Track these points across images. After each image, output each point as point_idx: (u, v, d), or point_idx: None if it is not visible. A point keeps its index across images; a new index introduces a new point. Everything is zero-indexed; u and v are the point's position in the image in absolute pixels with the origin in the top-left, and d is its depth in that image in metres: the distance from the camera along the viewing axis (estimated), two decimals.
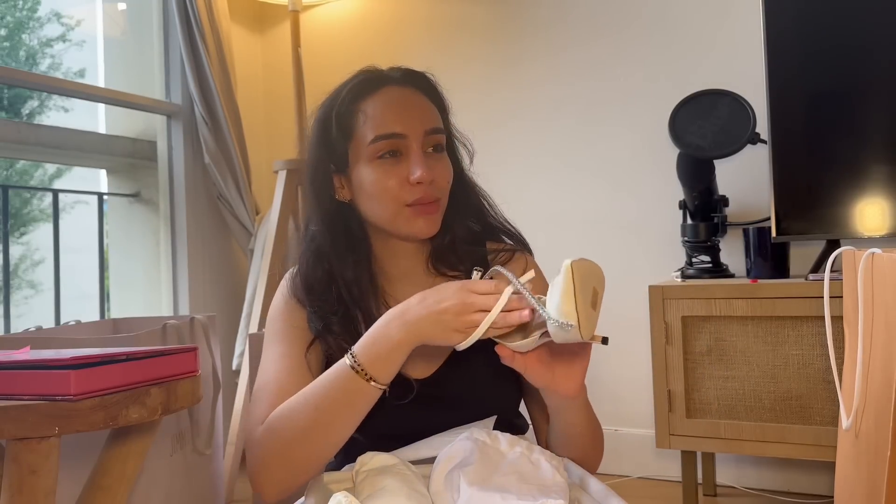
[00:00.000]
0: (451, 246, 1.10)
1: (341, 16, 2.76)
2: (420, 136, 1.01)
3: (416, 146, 1.01)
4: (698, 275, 1.95)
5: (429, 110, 1.05)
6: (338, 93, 1.06)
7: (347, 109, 1.03)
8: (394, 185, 1.00)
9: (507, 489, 0.82)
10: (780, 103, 1.82)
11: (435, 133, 1.03)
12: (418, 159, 1.00)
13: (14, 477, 0.77)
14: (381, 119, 1.01)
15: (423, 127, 1.02)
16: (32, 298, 2.35)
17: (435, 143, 1.03)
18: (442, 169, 1.04)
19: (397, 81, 1.05)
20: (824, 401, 1.66)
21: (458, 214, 1.10)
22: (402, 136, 1.00)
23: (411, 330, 0.88)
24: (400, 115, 1.01)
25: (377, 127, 1.01)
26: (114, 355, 0.82)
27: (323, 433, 0.92)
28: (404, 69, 1.09)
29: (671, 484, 2.16)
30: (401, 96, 1.04)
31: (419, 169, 0.99)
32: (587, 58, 2.37)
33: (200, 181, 2.54)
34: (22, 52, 2.40)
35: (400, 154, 1.01)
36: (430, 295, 0.88)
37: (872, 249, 1.15)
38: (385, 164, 1.01)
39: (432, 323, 0.87)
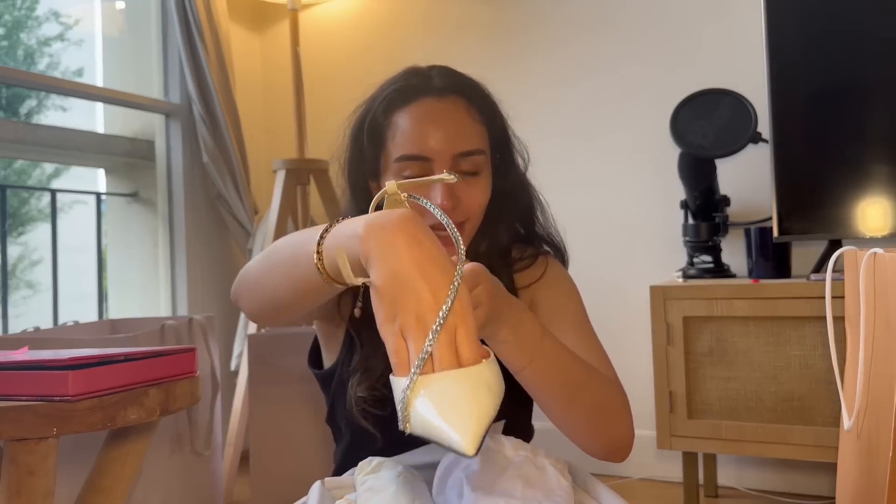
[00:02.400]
0: (484, 254, 1.05)
1: (340, 14, 2.76)
2: (447, 160, 0.95)
3: (441, 170, 0.93)
4: (700, 275, 1.95)
5: (464, 128, 0.97)
6: (376, 96, 1.01)
7: (380, 119, 0.99)
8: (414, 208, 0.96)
9: (512, 494, 0.81)
10: (782, 102, 1.82)
11: (468, 155, 0.96)
12: (442, 185, 0.93)
13: (12, 478, 0.77)
14: (409, 138, 0.95)
15: (454, 150, 0.95)
16: (30, 299, 2.35)
17: (468, 165, 0.97)
18: (472, 194, 0.97)
19: (437, 92, 0.98)
20: (826, 401, 1.65)
21: (501, 222, 1.05)
22: (427, 159, 0.95)
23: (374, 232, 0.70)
24: (429, 136, 0.95)
25: (403, 146, 0.96)
26: (112, 356, 0.81)
27: (270, 278, 0.83)
28: (448, 75, 1.01)
29: (672, 485, 2.16)
30: (434, 113, 0.97)
31: (441, 194, 0.93)
32: (587, 57, 2.36)
33: (199, 181, 2.53)
34: (20, 52, 2.40)
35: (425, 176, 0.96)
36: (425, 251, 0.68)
37: (875, 249, 1.15)
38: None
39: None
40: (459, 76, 1.02)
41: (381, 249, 0.65)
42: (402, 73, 1.02)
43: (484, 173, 1.00)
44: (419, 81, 0.99)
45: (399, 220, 0.67)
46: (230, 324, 2.55)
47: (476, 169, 0.98)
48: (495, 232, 1.06)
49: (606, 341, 1.06)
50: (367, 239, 0.66)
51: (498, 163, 1.05)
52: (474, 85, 1.03)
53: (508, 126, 1.08)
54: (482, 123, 1.00)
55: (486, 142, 1.01)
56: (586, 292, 1.07)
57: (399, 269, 0.63)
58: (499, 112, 1.05)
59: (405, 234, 0.65)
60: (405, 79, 1.00)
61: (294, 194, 2.46)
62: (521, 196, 1.09)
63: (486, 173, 1.00)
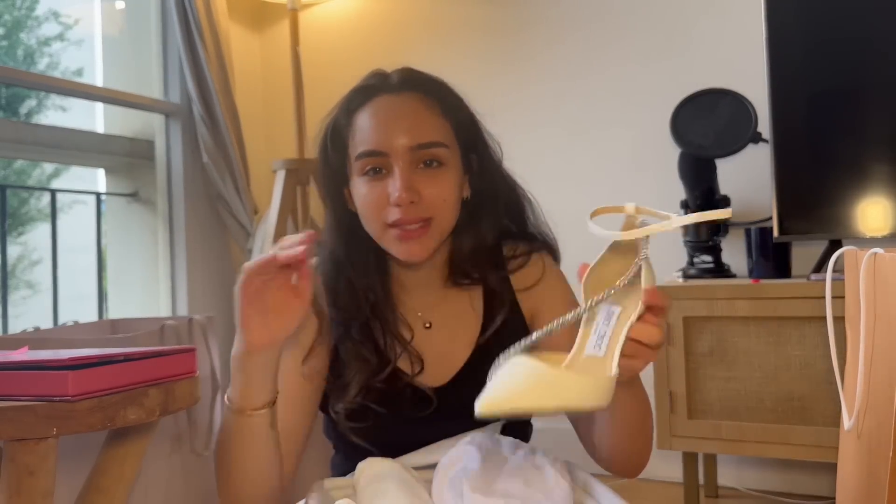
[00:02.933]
0: (470, 254, 1.04)
1: (340, 14, 2.76)
2: (404, 153, 0.94)
3: (400, 163, 0.94)
4: (700, 275, 1.95)
5: (421, 121, 0.96)
6: (338, 105, 1.03)
7: (341, 123, 1.00)
8: (375, 202, 0.95)
9: (511, 494, 0.81)
10: (782, 102, 1.82)
11: (428, 147, 0.95)
12: (399, 178, 0.93)
13: (12, 478, 0.77)
14: (366, 135, 0.96)
15: (409, 142, 0.94)
16: (30, 299, 2.35)
17: (428, 157, 0.96)
18: (434, 186, 0.95)
19: (392, 89, 0.98)
20: (826, 401, 1.65)
21: (484, 221, 1.04)
22: (383, 154, 0.95)
23: (239, 341, 0.86)
24: (383, 130, 0.95)
25: (361, 143, 0.97)
26: (112, 356, 0.81)
27: (239, 472, 0.90)
28: (407, 73, 1.01)
29: (673, 485, 2.16)
30: (389, 108, 0.97)
31: (397, 189, 0.93)
32: (587, 57, 2.36)
33: (199, 181, 2.53)
34: (20, 51, 2.40)
35: (384, 171, 0.95)
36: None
37: (875, 249, 1.15)
38: (370, 181, 0.96)
39: (239, 322, 0.85)
40: (418, 73, 1.02)
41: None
42: (363, 77, 1.03)
43: (448, 167, 0.98)
44: (377, 80, 1.01)
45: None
46: (230, 324, 2.55)
47: (437, 159, 0.96)
48: (479, 231, 1.04)
49: None
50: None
51: (472, 161, 1.04)
52: (434, 81, 1.02)
53: (478, 122, 1.05)
54: (443, 117, 0.99)
55: (450, 135, 0.99)
56: None
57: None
58: (464, 106, 1.03)
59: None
60: (364, 80, 1.02)
61: (294, 194, 2.46)
62: (503, 192, 1.08)
63: (450, 167, 0.98)
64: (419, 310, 1.06)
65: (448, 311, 1.06)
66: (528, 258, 1.08)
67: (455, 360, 1.03)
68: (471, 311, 1.05)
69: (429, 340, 1.05)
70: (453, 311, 1.06)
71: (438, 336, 1.05)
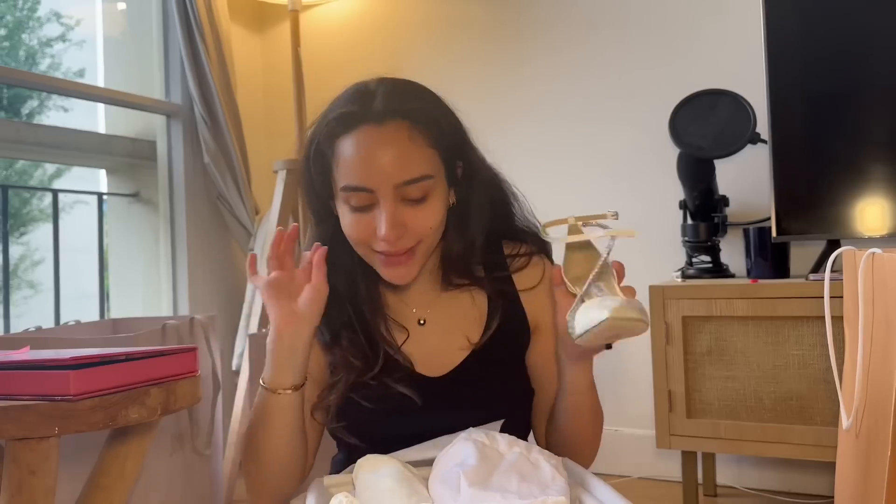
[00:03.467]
0: (461, 256, 1.06)
1: (341, 15, 2.76)
2: (389, 190, 0.93)
3: (386, 200, 0.94)
4: (698, 275, 1.95)
5: (407, 157, 0.94)
6: (321, 120, 1.00)
7: (324, 146, 0.98)
8: (361, 234, 0.97)
9: (508, 489, 0.82)
10: (781, 103, 1.82)
11: (413, 182, 0.94)
12: (386, 216, 0.93)
13: (14, 477, 0.77)
14: (350, 169, 0.95)
15: (395, 180, 0.93)
16: (32, 298, 2.35)
17: (414, 191, 0.94)
18: (421, 218, 0.96)
19: (377, 119, 0.94)
20: (825, 401, 1.65)
21: (474, 228, 1.05)
22: (369, 191, 0.94)
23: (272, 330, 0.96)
24: (368, 167, 0.93)
25: (346, 176, 0.95)
26: (113, 355, 0.82)
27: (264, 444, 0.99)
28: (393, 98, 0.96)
29: (671, 484, 2.16)
30: (374, 142, 0.93)
31: (384, 228, 0.93)
32: (586, 57, 2.37)
33: (200, 181, 2.54)
34: (21, 52, 2.40)
35: (371, 205, 0.95)
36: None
37: (873, 249, 1.15)
38: (355, 212, 0.96)
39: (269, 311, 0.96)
40: (404, 96, 0.97)
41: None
42: (347, 94, 0.99)
43: (433, 195, 0.97)
44: (360, 107, 0.95)
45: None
46: (231, 323, 2.56)
47: (423, 193, 0.95)
48: (467, 234, 1.05)
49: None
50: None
51: (457, 170, 1.03)
52: (420, 106, 0.97)
53: (465, 134, 1.04)
54: (429, 146, 0.96)
55: (437, 163, 0.98)
56: None
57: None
58: (448, 120, 1.01)
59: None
60: (347, 104, 0.97)
61: (295, 194, 2.46)
62: (489, 193, 1.07)
63: (436, 194, 0.97)
64: (413, 307, 1.08)
65: (445, 310, 1.07)
66: (530, 259, 1.10)
67: (450, 357, 1.04)
68: (473, 310, 1.06)
69: (422, 337, 1.06)
70: (451, 310, 1.07)
71: (433, 333, 1.06)
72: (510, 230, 1.11)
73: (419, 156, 0.95)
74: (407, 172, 0.94)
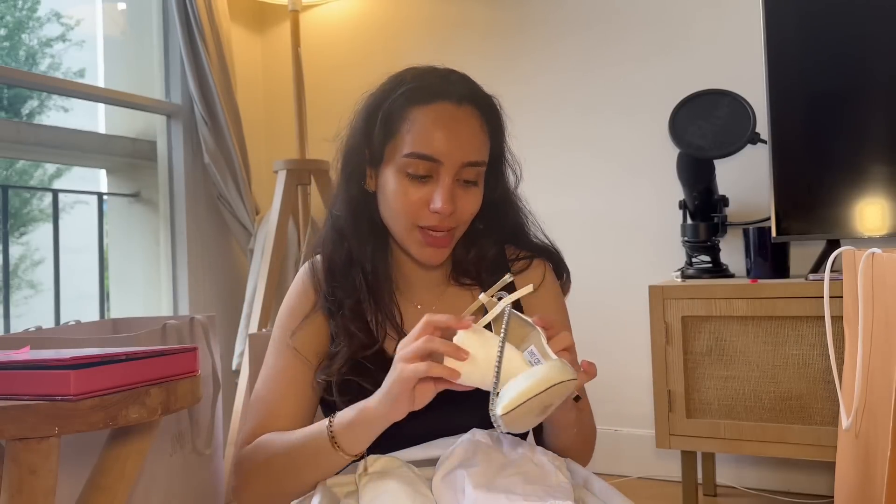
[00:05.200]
0: (474, 261, 1.09)
1: (341, 15, 2.76)
2: (456, 166, 0.98)
3: (448, 175, 0.98)
4: (698, 275, 1.95)
5: (475, 139, 1.00)
6: (392, 87, 1.02)
7: (396, 110, 1.00)
8: (413, 204, 0.99)
9: (513, 490, 0.82)
10: (781, 103, 1.82)
11: (474, 165, 1.00)
12: (445, 189, 0.97)
13: (14, 477, 0.77)
14: (424, 137, 0.97)
15: (463, 158, 0.98)
16: (32, 298, 2.35)
17: (470, 174, 1.00)
18: (468, 202, 1.01)
19: (456, 99, 0.99)
20: (824, 401, 1.65)
21: (491, 232, 1.09)
22: (437, 161, 0.97)
23: (383, 399, 0.88)
24: (443, 139, 0.97)
25: (417, 143, 0.97)
26: (113, 355, 0.82)
27: (294, 478, 0.97)
28: (466, 84, 1.03)
29: (671, 484, 2.16)
30: (452, 118, 0.99)
31: (441, 200, 0.97)
32: (587, 57, 2.37)
33: (200, 181, 2.54)
34: (22, 52, 2.40)
35: (429, 177, 0.98)
36: (395, 366, 0.88)
37: (872, 249, 1.15)
38: (411, 182, 0.99)
39: (394, 395, 0.86)
40: (476, 87, 1.04)
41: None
42: (421, 70, 1.04)
43: (480, 184, 1.03)
44: (439, 83, 1.01)
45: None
46: (231, 323, 2.56)
47: (476, 178, 1.01)
48: (484, 237, 1.09)
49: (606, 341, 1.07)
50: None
51: (490, 175, 1.07)
52: (488, 99, 1.04)
53: (507, 142, 1.10)
54: (489, 136, 1.03)
55: (488, 154, 1.04)
56: (585, 292, 1.08)
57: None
58: (503, 130, 1.08)
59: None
60: (425, 77, 1.02)
61: (295, 194, 2.46)
62: (508, 210, 1.12)
63: (481, 184, 1.04)
64: (419, 303, 1.09)
65: (448, 307, 1.09)
66: (530, 262, 1.13)
67: None
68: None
69: None
70: (454, 308, 1.08)
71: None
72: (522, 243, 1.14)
73: (483, 142, 1.02)
74: (473, 154, 0.99)
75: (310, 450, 0.95)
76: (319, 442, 0.93)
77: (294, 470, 0.96)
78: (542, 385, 0.77)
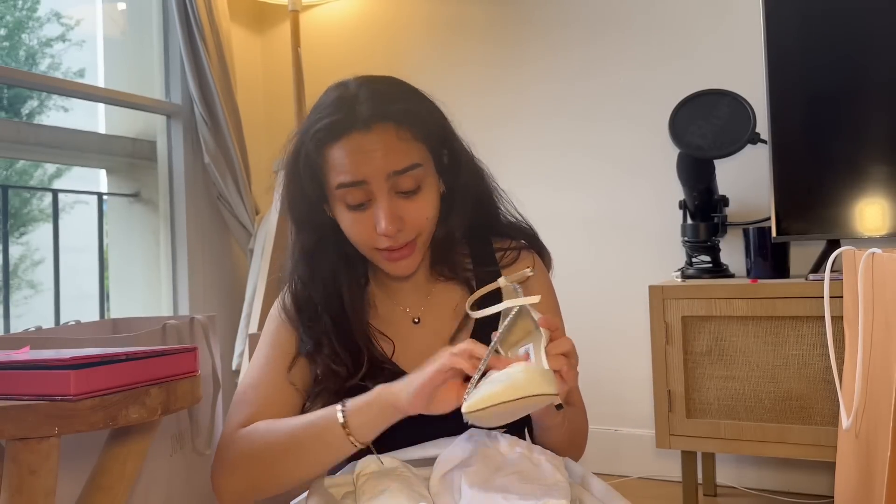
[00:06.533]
0: (448, 247, 1.08)
1: (341, 16, 2.76)
2: (383, 181, 0.96)
3: (381, 192, 0.97)
4: (698, 275, 1.95)
5: (396, 151, 0.97)
6: (305, 130, 1.01)
7: (312, 155, 1.00)
8: (362, 233, 0.99)
9: (509, 489, 0.82)
10: (781, 103, 1.82)
11: (404, 172, 0.97)
12: (383, 210, 0.96)
13: (14, 477, 0.77)
14: (344, 169, 0.97)
15: (387, 170, 0.96)
16: (32, 298, 2.35)
17: (407, 182, 0.98)
18: (415, 210, 0.99)
19: (363, 125, 0.96)
20: (824, 401, 1.65)
21: (458, 215, 1.07)
22: (364, 183, 0.96)
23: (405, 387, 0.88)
24: (360, 163, 0.96)
25: (339, 175, 0.97)
26: (113, 355, 0.82)
27: (293, 465, 0.95)
28: (376, 102, 0.98)
29: (671, 484, 2.16)
30: (363, 145, 0.96)
31: (383, 220, 0.96)
32: (587, 57, 2.37)
33: (200, 181, 2.54)
34: (21, 52, 2.40)
35: (367, 201, 0.98)
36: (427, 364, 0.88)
37: (873, 249, 1.15)
38: (353, 212, 0.99)
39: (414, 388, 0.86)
40: (388, 99, 0.99)
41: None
42: (329, 101, 1.00)
43: (426, 185, 1.00)
44: (345, 115, 0.97)
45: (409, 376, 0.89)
46: (231, 323, 2.56)
47: (416, 184, 0.99)
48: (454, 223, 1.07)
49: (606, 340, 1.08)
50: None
51: (443, 157, 1.05)
52: (404, 107, 0.99)
53: (448, 125, 1.07)
54: (416, 140, 0.99)
55: (425, 154, 1.01)
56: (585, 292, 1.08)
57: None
58: (436, 123, 1.04)
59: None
60: (332, 112, 0.98)
61: None
62: (476, 182, 1.10)
63: (428, 185, 1.01)
64: (406, 306, 1.09)
65: (436, 307, 1.09)
66: (519, 254, 1.12)
67: None
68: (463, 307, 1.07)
69: (416, 336, 1.07)
70: (442, 307, 1.08)
71: (426, 332, 1.08)
72: (496, 223, 1.13)
73: (408, 148, 0.98)
74: (397, 163, 0.97)
75: (316, 432, 0.93)
76: (328, 424, 0.91)
77: (294, 455, 0.94)
78: (513, 394, 0.76)
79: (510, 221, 1.14)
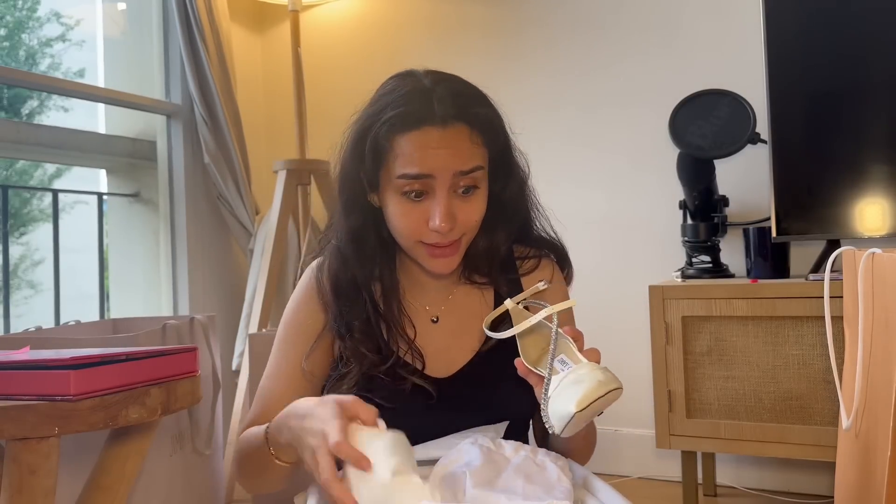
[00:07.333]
0: (491, 258, 1.10)
1: (341, 15, 2.76)
2: (448, 178, 0.97)
3: (442, 189, 0.97)
4: (698, 275, 1.95)
5: (465, 151, 0.99)
6: (376, 112, 1.00)
7: (381, 139, 0.99)
8: (413, 224, 0.99)
9: (513, 490, 0.82)
10: (781, 103, 1.82)
11: (469, 173, 0.99)
12: (441, 206, 0.97)
13: (14, 477, 0.78)
14: (412, 160, 0.97)
15: (454, 168, 0.97)
16: (32, 298, 2.35)
17: (467, 183, 0.99)
18: (469, 211, 1.01)
19: (440, 122, 0.97)
20: (824, 401, 1.65)
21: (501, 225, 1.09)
22: (429, 177, 0.97)
23: (291, 440, 0.87)
24: (431, 159, 0.97)
25: (406, 165, 0.97)
26: (113, 355, 0.82)
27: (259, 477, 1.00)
28: (454, 102, 0.99)
29: (671, 484, 2.16)
30: (438, 141, 0.97)
31: (439, 218, 0.97)
32: (587, 57, 2.37)
33: (200, 181, 2.54)
34: (21, 52, 2.40)
35: (425, 194, 0.98)
36: (315, 413, 0.85)
37: (873, 249, 1.15)
38: (409, 202, 0.99)
39: (300, 443, 0.85)
40: (465, 101, 1.00)
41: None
42: (403, 92, 1.00)
43: (481, 187, 1.02)
44: (422, 107, 0.98)
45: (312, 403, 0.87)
46: (231, 323, 2.56)
47: (474, 184, 1.01)
48: (495, 235, 1.09)
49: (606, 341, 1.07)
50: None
51: (497, 172, 1.07)
52: (479, 110, 1.02)
53: (511, 140, 1.09)
54: (483, 145, 1.02)
55: (486, 158, 1.03)
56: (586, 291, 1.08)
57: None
58: (502, 131, 1.06)
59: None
60: (406, 102, 0.99)
61: (295, 194, 2.46)
62: (520, 205, 1.12)
63: (483, 187, 1.03)
64: (427, 304, 1.10)
65: (457, 308, 1.09)
66: (539, 262, 1.14)
67: (459, 356, 1.05)
68: (483, 310, 1.08)
69: (434, 334, 1.07)
70: (463, 308, 1.09)
71: (444, 331, 1.08)
72: (528, 237, 1.15)
73: (476, 152, 1.00)
74: (466, 163, 0.98)
75: (258, 445, 0.96)
76: (262, 442, 0.95)
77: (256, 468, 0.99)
78: (603, 388, 0.80)
79: (541, 236, 1.15)
